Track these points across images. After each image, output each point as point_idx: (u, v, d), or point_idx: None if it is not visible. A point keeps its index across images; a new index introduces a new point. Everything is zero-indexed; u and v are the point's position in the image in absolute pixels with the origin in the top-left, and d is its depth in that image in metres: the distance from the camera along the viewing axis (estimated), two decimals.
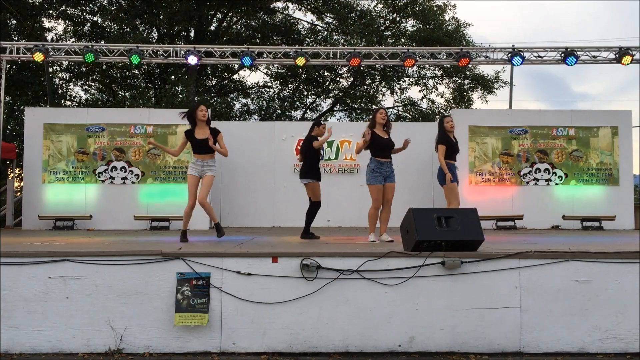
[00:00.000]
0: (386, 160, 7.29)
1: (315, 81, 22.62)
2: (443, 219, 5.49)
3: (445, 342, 5.15)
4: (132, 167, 12.01)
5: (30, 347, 5.12)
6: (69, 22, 20.55)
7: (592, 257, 5.28)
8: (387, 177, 7.25)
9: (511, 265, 5.23)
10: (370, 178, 7.24)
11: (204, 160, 7.35)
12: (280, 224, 12.46)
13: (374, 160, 7.26)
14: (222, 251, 5.47)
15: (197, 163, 7.36)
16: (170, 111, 13.59)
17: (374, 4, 21.87)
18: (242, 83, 23.55)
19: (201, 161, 7.35)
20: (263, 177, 12.61)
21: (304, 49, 12.09)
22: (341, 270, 5.20)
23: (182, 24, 19.51)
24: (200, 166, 7.35)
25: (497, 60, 12.37)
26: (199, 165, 7.35)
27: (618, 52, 11.70)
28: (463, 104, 21.86)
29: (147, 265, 5.24)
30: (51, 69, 18.78)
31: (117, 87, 21.63)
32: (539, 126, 12.31)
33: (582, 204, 12.08)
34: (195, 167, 7.35)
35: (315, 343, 5.15)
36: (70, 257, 5.24)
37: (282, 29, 21.50)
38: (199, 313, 5.08)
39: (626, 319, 5.17)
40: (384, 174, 7.24)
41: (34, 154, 11.94)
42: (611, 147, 12.23)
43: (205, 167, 7.36)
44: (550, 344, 5.15)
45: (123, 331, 5.13)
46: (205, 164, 7.36)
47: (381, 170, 7.22)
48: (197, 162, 7.36)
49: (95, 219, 11.75)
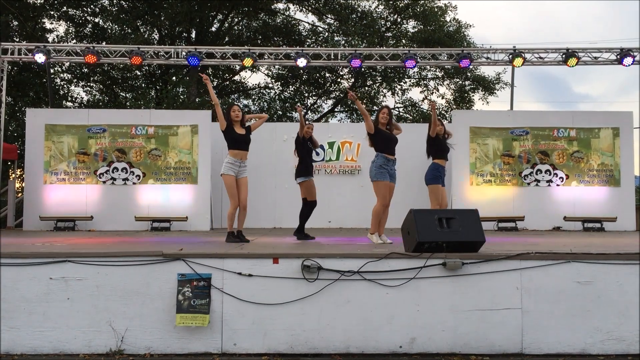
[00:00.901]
0: (393, 157, 7.06)
1: (316, 82, 22.64)
2: (444, 220, 5.48)
3: (446, 343, 5.14)
4: (133, 167, 12.02)
5: (31, 348, 5.11)
6: (71, 23, 20.57)
7: (594, 258, 5.27)
8: (392, 176, 7.05)
9: (512, 267, 5.23)
10: (377, 174, 6.95)
11: (242, 160, 7.23)
12: (281, 225, 12.46)
13: (381, 157, 6.98)
14: (223, 252, 5.47)
15: (235, 163, 7.20)
16: (171, 112, 13.64)
17: (375, 5, 21.90)
18: (243, 84, 23.58)
19: (239, 161, 7.21)
20: (264, 178, 12.62)
21: (305, 50, 12.10)
22: (342, 271, 5.20)
23: (184, 25, 19.55)
24: (237, 166, 7.21)
25: (498, 62, 12.39)
26: (237, 165, 7.20)
27: (619, 53, 11.72)
28: (464, 105, 21.87)
29: (148, 266, 5.24)
30: (52, 70, 18.79)
31: (118, 88, 21.65)
32: (540, 127, 12.30)
33: (583, 205, 12.07)
34: (233, 167, 7.19)
35: (316, 344, 5.14)
36: (71, 258, 5.24)
37: (283, 30, 21.53)
38: (200, 314, 5.08)
39: (627, 320, 5.16)
40: (390, 172, 7.02)
41: (35, 155, 11.95)
42: (612, 148, 12.22)
43: (242, 168, 7.25)
44: (552, 346, 5.14)
45: (124, 332, 5.13)
46: (242, 164, 7.24)
47: (387, 167, 6.98)
48: (235, 162, 7.20)
49: (97, 219, 11.75)
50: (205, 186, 11.98)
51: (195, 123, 11.91)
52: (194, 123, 11.93)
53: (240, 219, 7.33)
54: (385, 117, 7.13)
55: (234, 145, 7.22)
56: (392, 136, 7.14)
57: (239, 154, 7.22)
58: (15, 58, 12.16)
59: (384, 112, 7.17)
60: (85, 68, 19.85)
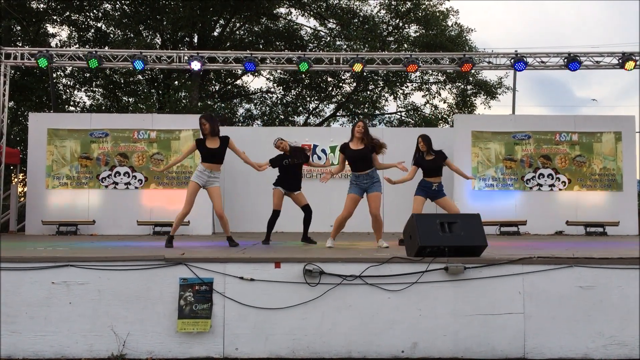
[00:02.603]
0: (361, 173, 7.12)
1: (318, 87, 22.67)
2: (446, 224, 5.48)
3: (448, 348, 5.13)
4: (135, 172, 12.03)
5: (33, 353, 5.12)
6: (73, 28, 20.65)
7: (596, 262, 5.27)
8: (367, 189, 7.12)
9: (514, 271, 5.22)
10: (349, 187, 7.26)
11: (212, 171, 7.27)
12: (283, 229, 12.40)
13: (352, 173, 7.24)
14: (224, 256, 5.47)
15: (204, 173, 7.25)
16: (173, 116, 13.65)
17: (376, 10, 21.95)
18: (245, 88, 23.63)
19: (209, 172, 7.26)
20: (265, 183, 12.57)
21: (307, 55, 12.12)
22: (344, 275, 5.20)
23: (186, 30, 19.60)
24: (206, 176, 7.26)
25: (500, 66, 12.39)
26: (206, 175, 7.25)
27: (621, 57, 11.71)
28: (466, 110, 21.88)
29: (150, 270, 5.25)
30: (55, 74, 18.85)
31: (120, 92, 21.71)
32: (542, 131, 12.29)
33: (585, 209, 12.04)
34: (202, 176, 7.25)
35: (318, 349, 5.14)
36: (73, 263, 5.25)
37: (285, 35, 21.57)
38: (201, 319, 5.09)
39: (630, 325, 5.15)
40: (362, 187, 7.12)
41: (37, 159, 11.96)
42: (614, 153, 12.20)
43: (212, 178, 7.29)
44: (554, 350, 5.13)
45: (126, 336, 5.13)
46: (212, 175, 7.28)
47: (358, 182, 7.14)
48: (205, 172, 7.26)
49: (99, 224, 11.76)
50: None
51: (197, 127, 11.82)
52: (196, 127, 11.81)
53: (223, 226, 7.48)
54: (360, 131, 7.21)
55: (204, 158, 7.33)
56: (359, 155, 7.16)
57: (210, 167, 7.28)
58: (18, 63, 12.20)
59: (359, 126, 7.26)
60: (88, 73, 19.90)
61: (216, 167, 7.31)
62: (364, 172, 7.13)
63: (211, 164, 7.27)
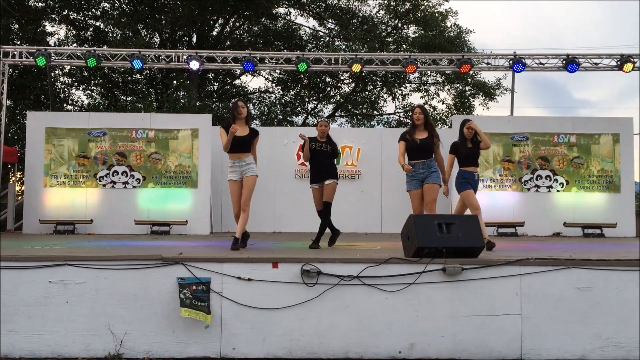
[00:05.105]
0: (418, 161, 6.93)
1: (317, 87, 22.66)
2: (444, 225, 5.48)
3: (445, 349, 5.13)
4: (133, 171, 12.01)
5: (30, 352, 5.11)
6: (72, 27, 20.61)
7: (594, 264, 5.27)
8: (424, 179, 6.85)
9: (512, 272, 5.22)
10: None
11: (240, 159, 6.71)
12: (281, 229, 12.44)
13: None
14: (222, 256, 5.47)
15: (235, 164, 6.73)
16: (171, 116, 13.64)
17: (375, 10, 21.95)
18: (243, 88, 23.61)
19: (238, 161, 6.72)
20: (264, 183, 12.56)
21: (306, 55, 12.12)
22: (342, 276, 5.20)
23: (185, 29, 19.58)
24: (238, 167, 6.73)
25: (498, 67, 12.40)
26: (237, 166, 6.73)
27: (619, 59, 11.73)
28: (464, 111, 21.89)
29: (147, 270, 5.24)
30: (53, 73, 18.82)
31: (119, 91, 21.68)
32: (540, 133, 12.31)
33: (583, 211, 12.07)
34: (234, 169, 6.73)
35: (315, 349, 5.14)
36: (70, 262, 5.24)
37: (284, 35, 21.57)
38: (202, 312, 5.08)
39: (627, 326, 5.15)
40: (419, 178, 6.87)
41: (35, 158, 11.95)
42: (612, 154, 12.22)
43: (245, 167, 6.73)
44: (551, 352, 5.14)
45: (123, 336, 5.12)
46: (243, 163, 6.73)
47: (414, 175, 6.90)
48: (235, 164, 6.73)
49: (96, 223, 11.74)
50: (205, 190, 11.97)
51: (195, 127, 11.91)
52: (194, 127, 11.92)
53: (239, 222, 6.74)
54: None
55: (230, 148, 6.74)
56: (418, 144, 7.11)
57: (236, 156, 6.78)
58: (16, 61, 12.18)
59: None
60: (86, 71, 19.87)
61: (244, 155, 6.72)
62: (421, 161, 6.91)
63: (237, 154, 6.71)
